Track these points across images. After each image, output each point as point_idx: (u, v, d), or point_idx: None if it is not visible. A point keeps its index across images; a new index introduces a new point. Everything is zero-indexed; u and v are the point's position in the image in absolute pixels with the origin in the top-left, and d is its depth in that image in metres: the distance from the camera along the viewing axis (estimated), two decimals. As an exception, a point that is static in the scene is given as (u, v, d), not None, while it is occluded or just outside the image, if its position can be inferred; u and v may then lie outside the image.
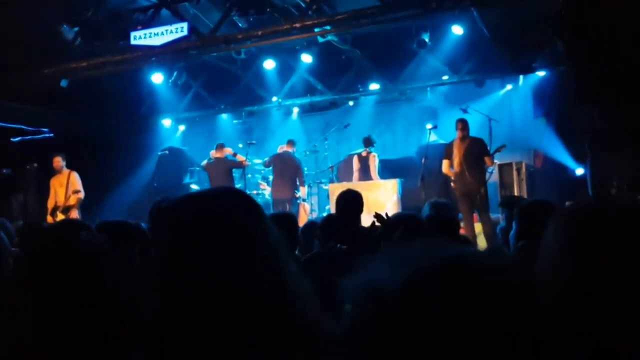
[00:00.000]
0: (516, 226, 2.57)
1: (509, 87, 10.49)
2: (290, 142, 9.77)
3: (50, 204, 9.25)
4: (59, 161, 9.00)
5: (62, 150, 9.62)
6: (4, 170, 11.28)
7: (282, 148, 9.76)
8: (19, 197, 10.43)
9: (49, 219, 9.15)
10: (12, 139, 12.12)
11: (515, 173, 8.62)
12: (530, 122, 10.03)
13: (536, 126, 9.88)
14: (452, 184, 7.80)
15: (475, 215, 8.12)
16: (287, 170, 9.30)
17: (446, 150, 7.91)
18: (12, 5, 7.69)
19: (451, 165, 7.83)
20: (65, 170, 9.11)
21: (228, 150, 9.86)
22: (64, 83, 9.53)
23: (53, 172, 9.24)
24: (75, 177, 9.11)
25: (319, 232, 4.01)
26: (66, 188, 9.05)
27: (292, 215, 4.19)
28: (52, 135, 12.36)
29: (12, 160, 11.13)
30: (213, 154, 9.91)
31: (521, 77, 10.14)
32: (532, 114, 9.99)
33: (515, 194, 8.46)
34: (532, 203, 2.61)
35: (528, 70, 9.44)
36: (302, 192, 9.49)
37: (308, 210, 9.58)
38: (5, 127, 11.57)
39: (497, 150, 8.10)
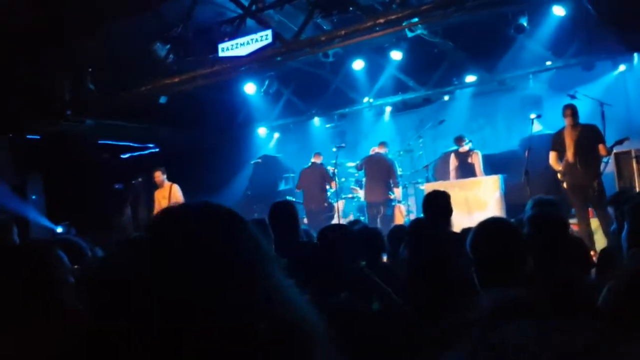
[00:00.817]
0: (627, 227, 2.14)
1: (622, 67, 9.49)
2: (382, 144, 9.49)
3: (155, 216, 9.66)
4: (159, 175, 9.38)
5: (164, 164, 10.07)
6: (116, 186, 12.03)
7: (374, 150, 9.50)
8: (128, 211, 11.01)
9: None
10: (121, 156, 12.95)
11: (634, 162, 7.71)
12: (649, 104, 9.00)
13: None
14: (559, 176, 7.15)
15: (591, 210, 7.39)
16: (379, 172, 9.04)
17: (554, 140, 7.26)
18: (108, 28, 8.12)
19: (560, 157, 7.18)
20: (167, 183, 9.48)
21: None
22: (163, 99, 9.94)
23: (157, 185, 9.65)
24: (177, 189, 9.45)
25: (407, 238, 3.74)
26: (169, 200, 9.40)
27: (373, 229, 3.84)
28: (157, 150, 13.05)
29: (123, 176, 11.83)
30: (312, 160, 9.91)
31: (636, 55, 9.13)
32: (652, 95, 8.96)
33: (636, 185, 7.59)
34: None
35: (644, 47, 8.47)
36: (397, 193, 9.16)
37: (404, 211, 9.25)
38: (115, 145, 12.37)
39: (618, 142, 7.30)
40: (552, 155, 7.25)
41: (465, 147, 8.87)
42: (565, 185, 7.21)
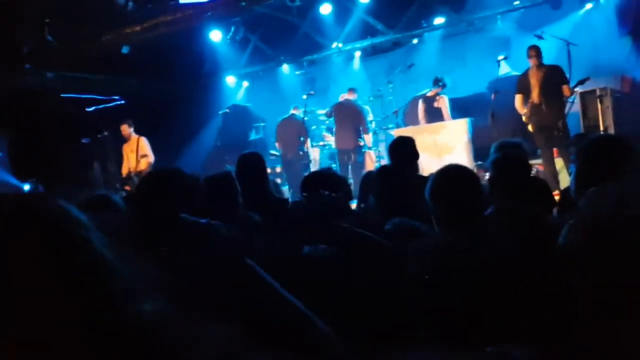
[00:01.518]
0: (575, 169, 2.20)
1: (589, 5, 9.49)
2: (351, 90, 9.41)
3: (124, 171, 9.55)
4: (126, 128, 9.21)
5: (131, 116, 9.86)
6: (83, 140, 11.78)
7: (344, 97, 9.43)
8: (97, 165, 10.85)
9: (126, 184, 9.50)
10: (86, 109, 12.62)
11: (598, 101, 7.82)
12: (615, 42, 9.05)
13: (622, 47, 8.91)
14: (524, 118, 7.24)
15: (556, 151, 7.54)
16: (348, 119, 9.01)
17: (519, 82, 7.32)
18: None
19: (525, 99, 7.24)
20: (134, 136, 9.32)
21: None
22: (125, 49, 9.65)
23: (124, 139, 9.48)
24: (144, 142, 9.30)
25: (374, 185, 3.77)
26: (136, 153, 9.27)
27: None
28: (123, 102, 12.74)
29: (89, 129, 11.57)
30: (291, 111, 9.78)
31: (603, -8, 9.12)
32: (617, 34, 8.99)
33: (600, 124, 7.73)
34: (596, 139, 2.20)
35: (611, -16, 8.44)
36: (367, 140, 9.18)
37: (374, 158, 9.29)
38: (79, 98, 12.02)
39: (580, 82, 7.39)
40: (518, 98, 7.31)
41: (432, 91, 8.86)
42: (530, 127, 7.32)
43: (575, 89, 7.33)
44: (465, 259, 2.04)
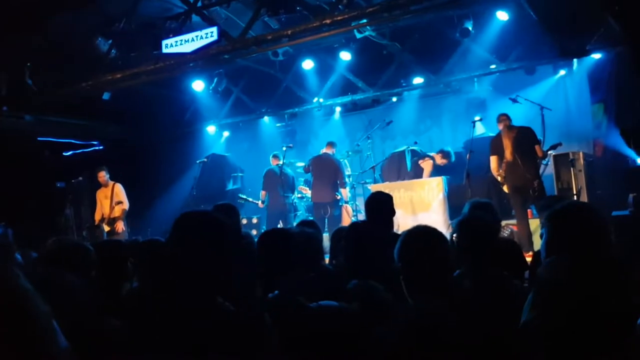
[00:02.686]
0: (545, 236, 2.19)
1: (562, 72, 9.81)
2: (330, 144, 9.50)
3: (97, 216, 9.40)
4: (102, 175, 9.15)
5: (109, 162, 9.78)
6: (58, 184, 11.61)
7: (323, 151, 9.50)
8: (69, 211, 10.64)
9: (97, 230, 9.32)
10: (64, 153, 12.50)
11: (571, 165, 7.97)
12: (587, 108, 9.33)
13: (594, 113, 9.18)
14: (499, 179, 7.34)
15: (530, 212, 7.61)
16: (325, 173, 9.05)
17: (493, 145, 7.46)
18: (48, 23, 7.81)
19: (499, 161, 7.36)
20: (110, 183, 9.23)
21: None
22: (106, 96, 9.67)
23: (100, 184, 9.37)
24: (119, 188, 9.20)
25: (343, 242, 3.73)
26: (111, 200, 9.15)
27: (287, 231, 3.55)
28: (101, 147, 12.67)
29: (65, 174, 11.42)
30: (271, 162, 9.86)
31: (575, 61, 9.45)
32: (589, 100, 9.28)
33: (573, 187, 7.85)
34: (564, 206, 2.20)
35: (582, 53, 8.75)
36: (344, 194, 9.19)
37: (351, 212, 9.28)
38: (56, 142, 11.93)
39: (552, 147, 7.59)
40: (493, 160, 7.42)
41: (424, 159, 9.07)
42: (505, 188, 7.40)
43: (548, 152, 7.50)
44: (434, 328, 2.01)
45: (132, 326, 2.00)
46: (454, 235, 3.34)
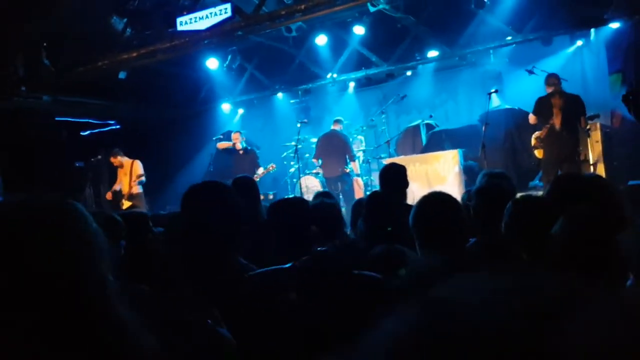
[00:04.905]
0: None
1: (579, 43, 9.69)
2: (336, 121, 9.59)
3: (112, 191, 9.53)
4: (116, 159, 9.27)
5: (126, 141, 9.91)
6: (77, 164, 11.79)
7: (331, 128, 9.60)
8: (89, 189, 10.82)
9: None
10: (81, 133, 12.66)
11: (587, 135, 7.91)
12: (605, 79, 9.21)
13: (612, 83, 9.07)
14: (534, 141, 7.20)
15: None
16: (333, 148, 9.14)
17: (540, 105, 7.25)
18: (64, 3, 7.87)
19: (542, 122, 7.21)
20: (128, 161, 9.33)
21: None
22: (122, 75, 9.73)
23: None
24: (138, 165, 9.31)
25: (363, 210, 3.79)
26: (130, 176, 9.27)
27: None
28: (118, 126, 12.81)
29: (83, 153, 11.60)
30: None
31: (592, 31, 9.32)
32: (607, 70, 9.16)
33: (590, 158, 7.81)
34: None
35: (599, 22, 8.63)
36: (354, 167, 9.28)
37: (362, 185, 9.35)
38: (74, 122, 12.07)
39: (590, 118, 7.48)
40: (533, 119, 7.29)
41: None
42: (539, 153, 7.29)
43: (588, 123, 7.41)
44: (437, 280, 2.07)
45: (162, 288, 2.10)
46: (469, 202, 3.39)
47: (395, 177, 4.12)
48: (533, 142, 7.34)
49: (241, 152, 9.66)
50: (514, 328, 0.55)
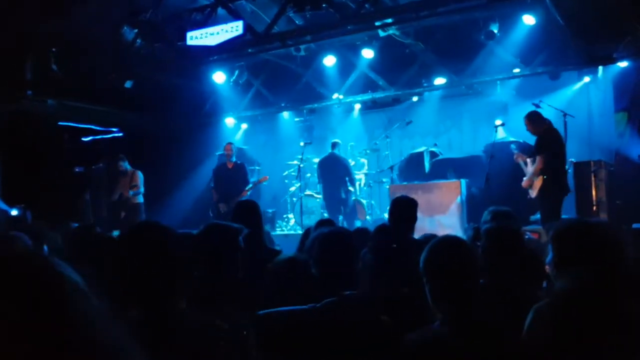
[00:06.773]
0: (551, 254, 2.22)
1: (586, 79, 9.72)
2: (333, 144, 9.63)
3: (114, 196, 9.49)
4: (120, 165, 9.23)
5: (128, 149, 9.87)
6: (76, 169, 11.72)
7: (330, 152, 9.62)
8: (87, 196, 10.76)
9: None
10: (83, 139, 12.61)
11: (592, 174, 7.89)
12: (610, 116, 9.22)
13: (617, 121, 9.07)
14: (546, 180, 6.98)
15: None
16: (333, 171, 9.14)
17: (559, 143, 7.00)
18: (76, 8, 7.87)
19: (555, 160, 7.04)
20: (130, 170, 9.31)
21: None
22: (128, 84, 9.72)
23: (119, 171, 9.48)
24: (137, 176, 9.30)
25: (370, 243, 3.73)
26: (128, 187, 9.24)
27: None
28: (121, 134, 12.76)
29: (84, 159, 11.54)
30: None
31: (600, 68, 9.34)
32: (613, 108, 9.17)
33: (593, 197, 7.77)
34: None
35: (608, 60, 8.65)
36: (353, 189, 9.28)
37: (364, 207, 9.33)
38: (76, 127, 12.03)
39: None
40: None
41: None
42: (562, 194, 6.94)
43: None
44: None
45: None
46: (474, 240, 3.34)
47: (406, 211, 4.10)
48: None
49: (230, 165, 9.45)
50: None
